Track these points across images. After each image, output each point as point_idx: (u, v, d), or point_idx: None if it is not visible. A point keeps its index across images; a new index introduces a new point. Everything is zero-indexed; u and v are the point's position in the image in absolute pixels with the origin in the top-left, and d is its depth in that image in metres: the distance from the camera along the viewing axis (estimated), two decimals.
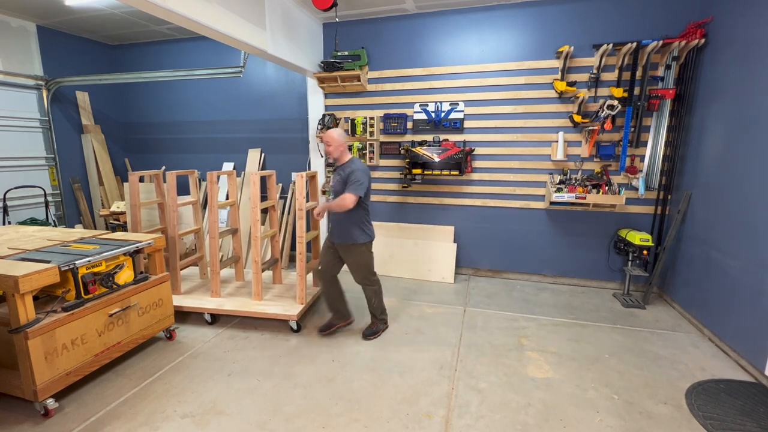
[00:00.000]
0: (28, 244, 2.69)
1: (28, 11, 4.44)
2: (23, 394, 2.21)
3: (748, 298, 2.76)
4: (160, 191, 3.81)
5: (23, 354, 2.13)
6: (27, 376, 2.17)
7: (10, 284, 2.06)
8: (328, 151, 2.94)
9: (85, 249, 2.62)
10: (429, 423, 2.20)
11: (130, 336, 2.77)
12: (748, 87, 2.91)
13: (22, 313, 2.12)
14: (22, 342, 2.12)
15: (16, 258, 2.37)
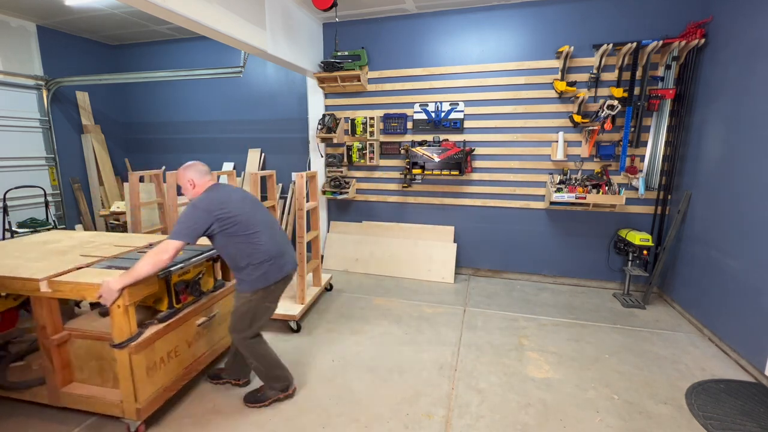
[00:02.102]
0: (99, 251, 2.48)
1: (28, 11, 4.44)
2: (123, 413, 2.04)
3: (748, 298, 2.76)
4: (160, 191, 3.81)
5: (125, 370, 1.97)
6: (129, 393, 2.00)
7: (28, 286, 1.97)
8: None
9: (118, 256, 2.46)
10: (429, 423, 2.20)
11: (211, 347, 2.61)
12: (748, 87, 2.91)
13: (126, 326, 1.94)
14: (126, 357, 1.95)
15: (101, 266, 2.21)
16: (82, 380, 2.20)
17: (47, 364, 2.10)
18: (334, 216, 5.12)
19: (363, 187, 4.90)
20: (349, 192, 4.72)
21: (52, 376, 2.12)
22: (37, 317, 2.06)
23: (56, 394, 2.13)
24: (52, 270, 2.09)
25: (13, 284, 2.03)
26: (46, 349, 2.08)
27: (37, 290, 1.98)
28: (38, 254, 2.42)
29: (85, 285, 1.95)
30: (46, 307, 2.05)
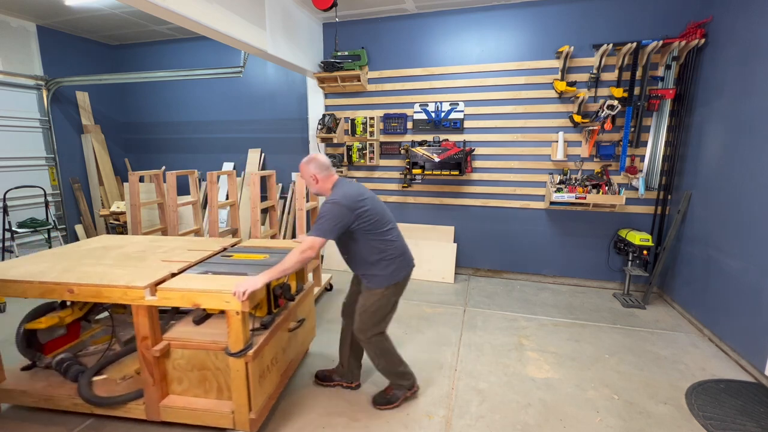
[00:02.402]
0: (178, 256, 2.37)
1: (28, 11, 4.44)
2: (234, 425, 1.96)
3: (748, 298, 2.76)
4: (160, 191, 3.81)
5: (241, 379, 1.90)
6: (243, 403, 1.92)
7: (232, 300, 1.82)
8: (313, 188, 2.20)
9: (254, 258, 2.37)
10: (429, 423, 2.20)
11: (296, 353, 2.54)
12: (748, 87, 2.91)
13: (243, 333, 1.88)
14: (242, 366, 1.89)
15: (196, 271, 2.12)
16: (180, 392, 2.09)
17: (147, 376, 1.99)
18: None
19: None
20: None
21: (151, 390, 2.01)
22: (138, 327, 1.95)
23: (155, 409, 2.02)
24: (143, 277, 1.99)
25: (113, 293, 1.92)
26: (147, 361, 1.97)
27: (141, 298, 1.89)
28: (114, 261, 2.29)
29: (199, 291, 1.87)
30: (148, 316, 1.94)
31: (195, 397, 2.07)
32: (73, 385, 2.15)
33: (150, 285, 1.90)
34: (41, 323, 2.21)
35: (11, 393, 2.16)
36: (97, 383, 2.18)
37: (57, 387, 2.16)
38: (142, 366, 1.99)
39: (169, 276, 2.04)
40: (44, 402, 2.13)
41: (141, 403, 2.05)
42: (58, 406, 2.12)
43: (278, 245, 2.71)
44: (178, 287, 1.90)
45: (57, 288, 1.95)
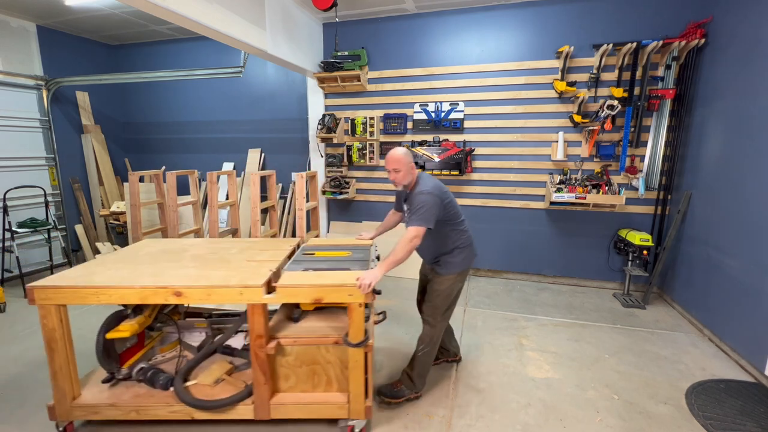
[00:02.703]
0: (259, 256, 2.37)
1: (28, 11, 4.44)
2: (348, 414, 2.04)
3: (748, 298, 2.76)
4: (160, 191, 3.81)
5: (359, 369, 1.97)
6: (359, 392, 2.00)
7: (355, 293, 1.89)
8: (395, 178, 2.26)
9: (339, 255, 2.42)
10: (429, 423, 2.20)
11: None
12: (748, 87, 2.91)
13: (362, 325, 1.95)
14: (361, 356, 1.96)
15: (295, 269, 2.15)
16: (286, 389, 2.12)
17: (258, 375, 2.00)
18: (334, 216, 5.12)
19: (363, 187, 4.90)
20: (349, 192, 4.72)
21: (262, 388, 2.02)
22: (253, 326, 1.96)
23: (265, 408, 2.04)
24: (247, 277, 1.99)
25: (227, 293, 1.91)
26: (260, 360, 1.98)
27: (258, 297, 1.89)
28: (196, 263, 2.25)
29: (322, 286, 1.91)
30: (262, 315, 1.96)
31: (302, 393, 2.11)
32: (163, 393, 2.11)
33: (265, 283, 1.91)
34: (124, 331, 2.09)
35: (96, 408, 2.04)
36: (190, 389, 2.13)
37: (146, 397, 2.10)
38: (254, 365, 2.00)
39: (272, 275, 2.03)
40: (135, 413, 2.04)
41: (249, 403, 2.05)
42: (151, 416, 2.05)
43: (345, 242, 2.78)
44: (299, 283, 1.93)
45: (161, 291, 1.91)
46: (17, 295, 4.11)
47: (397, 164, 2.23)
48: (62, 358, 1.97)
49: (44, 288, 1.90)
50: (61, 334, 1.96)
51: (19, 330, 3.36)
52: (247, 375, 2.25)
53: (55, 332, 1.94)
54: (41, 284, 1.92)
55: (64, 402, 2.01)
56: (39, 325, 3.40)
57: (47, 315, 1.93)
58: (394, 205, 2.74)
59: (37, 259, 4.84)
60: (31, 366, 2.80)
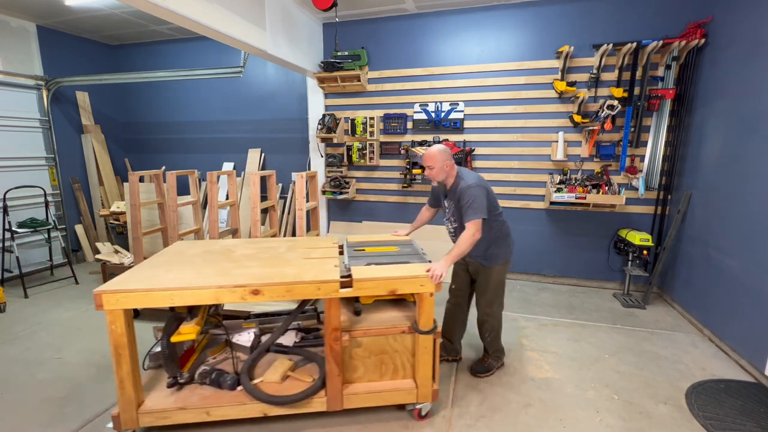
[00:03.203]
0: (313, 254, 2.42)
1: (28, 11, 4.44)
2: (416, 398, 2.14)
3: (748, 298, 2.76)
4: (160, 191, 3.81)
5: (428, 355, 2.09)
6: (427, 377, 2.12)
7: (426, 283, 2.00)
8: (430, 175, 2.40)
9: (389, 250, 2.51)
10: (429, 423, 2.20)
11: None
12: (749, 87, 2.91)
13: (432, 312, 2.06)
14: (429, 342, 2.08)
15: (358, 264, 2.21)
16: (355, 380, 2.19)
17: (332, 368, 2.06)
18: (334, 216, 5.12)
19: (363, 187, 4.90)
20: (349, 192, 4.72)
21: (336, 380, 2.08)
22: (330, 320, 2.01)
23: (338, 399, 2.10)
24: (316, 273, 2.05)
25: (305, 289, 1.95)
26: (335, 353, 2.04)
27: (335, 291, 1.95)
28: (257, 263, 2.25)
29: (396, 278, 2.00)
30: (337, 309, 2.02)
31: (370, 382, 2.20)
32: (231, 394, 2.12)
33: (341, 279, 1.98)
34: (189, 334, 2.07)
35: (165, 413, 2.00)
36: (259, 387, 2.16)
37: (214, 398, 2.09)
38: (328, 358, 2.05)
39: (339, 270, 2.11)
40: (206, 415, 2.03)
41: (322, 395, 2.10)
42: (222, 417, 2.05)
43: (384, 239, 2.87)
44: (374, 277, 2.00)
45: (238, 290, 1.90)
46: (17, 295, 4.11)
47: (430, 161, 2.37)
48: (130, 364, 1.92)
49: (114, 292, 1.84)
50: (129, 339, 1.91)
51: (19, 330, 3.36)
52: (305, 370, 2.30)
53: (123, 338, 1.88)
54: (109, 288, 1.85)
55: (130, 409, 1.95)
56: (39, 325, 3.43)
57: (116, 320, 1.86)
58: (428, 201, 2.90)
59: (37, 259, 4.84)
60: (30, 366, 2.80)
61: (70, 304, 3.90)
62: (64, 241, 4.84)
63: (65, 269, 4.81)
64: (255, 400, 2.05)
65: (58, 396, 2.46)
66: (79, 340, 3.17)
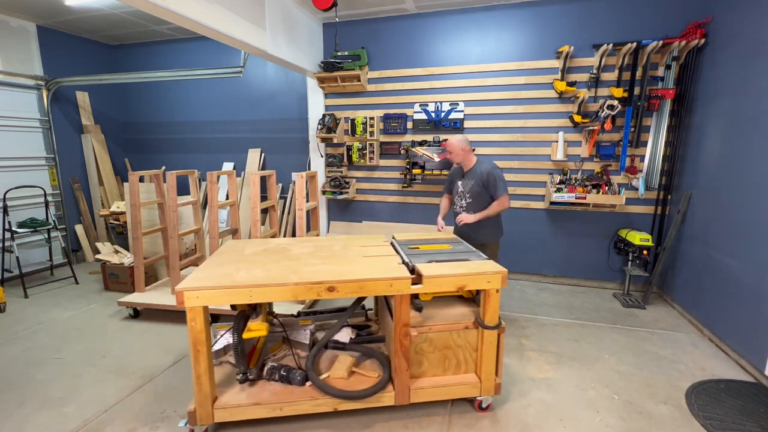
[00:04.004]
0: (369, 251, 2.49)
1: (28, 11, 4.44)
2: (480, 392, 2.21)
3: (748, 299, 2.76)
4: (160, 191, 3.81)
5: (492, 350, 2.16)
6: (491, 371, 2.19)
7: (492, 280, 2.05)
8: (450, 158, 3.05)
9: (441, 248, 2.55)
10: (429, 423, 2.20)
11: None
12: (748, 87, 2.91)
13: (497, 308, 2.12)
14: (494, 337, 2.15)
15: (422, 261, 2.23)
16: (419, 375, 2.24)
17: (401, 363, 2.11)
18: (334, 216, 5.12)
19: (363, 187, 4.90)
20: (349, 192, 4.72)
21: (404, 375, 2.13)
22: (401, 316, 2.06)
23: (406, 393, 2.16)
24: (383, 270, 2.10)
25: (377, 286, 1.99)
26: (404, 348, 2.09)
27: (407, 288, 2.00)
28: (320, 260, 2.30)
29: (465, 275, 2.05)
30: (408, 305, 2.07)
31: (434, 377, 2.25)
32: (300, 389, 2.17)
33: (411, 276, 2.03)
34: (260, 330, 2.13)
35: (240, 408, 2.05)
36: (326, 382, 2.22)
37: (285, 393, 2.14)
38: (397, 353, 2.10)
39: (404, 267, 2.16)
40: (279, 410, 2.08)
41: (390, 390, 2.16)
42: (294, 412, 2.10)
43: (432, 236, 2.91)
44: (444, 274, 2.04)
45: (315, 287, 1.95)
46: (17, 295, 4.11)
47: (449, 147, 3.03)
48: (207, 361, 1.95)
49: (195, 290, 1.85)
50: (206, 336, 1.94)
51: (19, 330, 3.36)
52: (367, 366, 2.37)
53: (202, 334, 1.91)
54: (190, 286, 1.87)
55: (206, 405, 1.99)
56: (39, 325, 3.43)
57: (196, 317, 1.89)
58: (445, 189, 3.33)
59: (37, 259, 4.84)
60: (31, 366, 2.80)
61: (70, 304, 3.90)
62: (64, 241, 4.84)
63: (65, 269, 4.81)
64: (325, 395, 2.10)
65: (58, 396, 2.46)
66: (79, 340, 3.18)
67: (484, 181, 2.93)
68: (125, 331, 3.35)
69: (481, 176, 2.94)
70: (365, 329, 2.74)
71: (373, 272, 2.06)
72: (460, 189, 3.09)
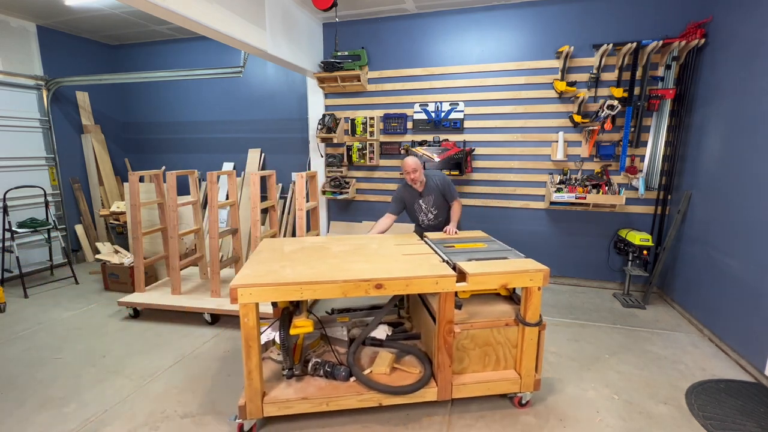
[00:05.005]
0: (410, 249, 2.57)
1: (28, 11, 4.44)
2: (520, 388, 2.24)
3: (748, 299, 2.76)
4: (160, 191, 3.81)
5: (532, 346, 2.19)
6: (531, 367, 2.22)
7: (534, 278, 2.08)
8: (413, 178, 3.05)
9: (477, 246, 2.63)
10: (429, 423, 2.20)
11: None
12: (749, 87, 2.91)
13: (539, 306, 2.15)
14: (535, 334, 2.17)
15: (462, 259, 2.29)
16: (460, 371, 2.28)
17: (444, 359, 2.15)
18: (334, 216, 5.12)
19: (363, 187, 4.90)
20: (349, 192, 4.72)
21: (447, 371, 2.17)
22: (445, 313, 2.09)
23: (448, 389, 2.19)
24: (426, 268, 2.16)
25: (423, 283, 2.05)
26: (447, 344, 2.13)
27: (451, 285, 2.05)
28: (361, 258, 2.37)
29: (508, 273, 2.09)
30: (452, 302, 2.10)
31: (474, 373, 2.29)
32: (345, 384, 2.22)
33: (456, 273, 2.08)
34: (306, 327, 2.18)
35: (288, 403, 2.11)
36: None
37: (330, 388, 2.19)
38: (441, 350, 2.13)
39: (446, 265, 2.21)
40: (325, 405, 2.13)
41: (433, 385, 2.19)
42: (340, 407, 2.15)
43: (469, 235, 3.01)
44: (488, 272, 2.09)
45: (363, 284, 2.00)
46: (17, 295, 4.11)
47: (415, 165, 3.05)
48: (258, 356, 2.01)
49: (249, 286, 1.91)
50: (258, 333, 1.99)
51: (19, 330, 3.36)
52: (407, 362, 2.41)
53: (254, 330, 1.97)
54: (244, 282, 1.93)
55: (256, 399, 2.05)
56: (39, 325, 3.43)
57: (248, 313, 1.94)
58: (392, 210, 3.26)
59: (37, 259, 4.84)
60: (30, 366, 2.80)
61: (70, 304, 3.90)
62: (64, 241, 4.84)
63: (65, 269, 4.81)
64: (370, 390, 2.15)
65: (58, 396, 2.46)
66: (79, 340, 3.18)
67: (442, 191, 3.16)
68: (125, 331, 3.35)
69: (438, 188, 3.15)
70: (399, 326, 2.79)
71: (417, 270, 2.12)
72: (423, 207, 3.23)
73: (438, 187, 3.15)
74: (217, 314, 3.46)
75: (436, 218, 3.25)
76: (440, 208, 3.22)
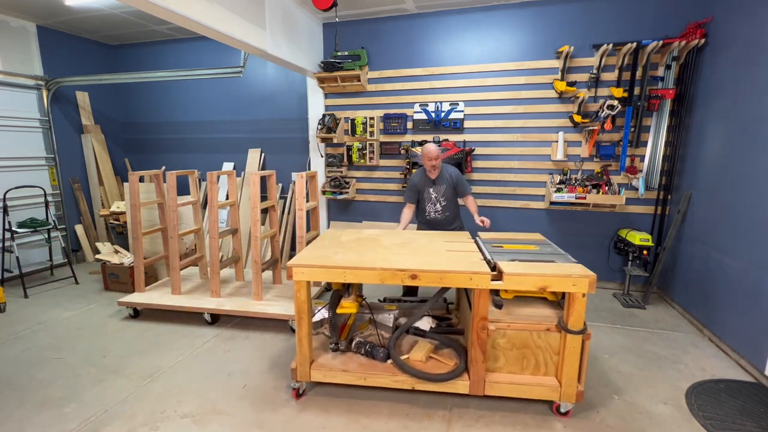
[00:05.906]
0: (456, 245, 2.63)
1: (28, 11, 4.44)
2: (560, 397, 2.17)
3: (748, 298, 2.76)
4: (160, 191, 3.81)
5: (575, 354, 2.12)
6: (572, 377, 2.14)
7: (578, 283, 2.02)
8: (434, 165, 3.13)
9: (527, 248, 2.61)
10: (429, 423, 2.20)
11: None
12: (748, 87, 2.91)
13: (583, 313, 2.08)
14: (578, 342, 2.10)
15: (506, 259, 2.28)
16: (495, 370, 2.30)
17: (477, 354, 2.18)
18: (334, 216, 5.12)
19: (363, 187, 4.90)
20: (349, 192, 4.72)
21: (480, 367, 2.20)
22: (479, 309, 2.13)
23: (481, 384, 2.22)
24: (465, 264, 2.19)
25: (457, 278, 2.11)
26: (481, 341, 2.16)
27: (486, 283, 2.08)
28: (408, 251, 2.49)
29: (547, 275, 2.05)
30: (486, 299, 2.13)
31: (510, 374, 2.28)
32: (383, 365, 2.38)
33: (492, 272, 2.09)
34: (350, 308, 2.41)
35: (331, 371, 2.34)
36: None
37: (369, 367, 2.38)
38: (474, 345, 2.17)
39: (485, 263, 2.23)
40: (363, 380, 2.32)
41: (464, 379, 2.24)
42: (376, 384, 2.32)
43: (511, 237, 2.96)
44: (525, 272, 2.07)
45: (399, 273, 2.12)
46: (17, 295, 4.11)
47: (437, 153, 3.12)
48: (308, 327, 2.29)
49: (301, 266, 2.20)
50: (308, 306, 2.29)
51: (19, 330, 3.36)
52: (445, 354, 2.47)
53: (305, 304, 2.26)
54: (298, 263, 2.22)
55: (304, 364, 2.33)
56: (39, 325, 3.43)
57: (301, 289, 2.25)
58: (407, 199, 3.41)
59: (37, 259, 4.84)
60: (30, 366, 2.80)
61: (70, 304, 3.90)
62: (64, 241, 4.84)
63: (65, 269, 4.81)
64: (404, 374, 2.28)
65: (58, 396, 2.46)
66: (79, 340, 3.18)
67: (454, 183, 3.23)
68: (125, 331, 3.35)
69: (450, 179, 3.22)
70: (445, 321, 2.87)
71: (453, 265, 2.17)
72: (432, 195, 3.27)
73: (451, 178, 3.22)
74: (217, 314, 3.46)
75: (444, 211, 3.28)
76: (449, 200, 3.27)
